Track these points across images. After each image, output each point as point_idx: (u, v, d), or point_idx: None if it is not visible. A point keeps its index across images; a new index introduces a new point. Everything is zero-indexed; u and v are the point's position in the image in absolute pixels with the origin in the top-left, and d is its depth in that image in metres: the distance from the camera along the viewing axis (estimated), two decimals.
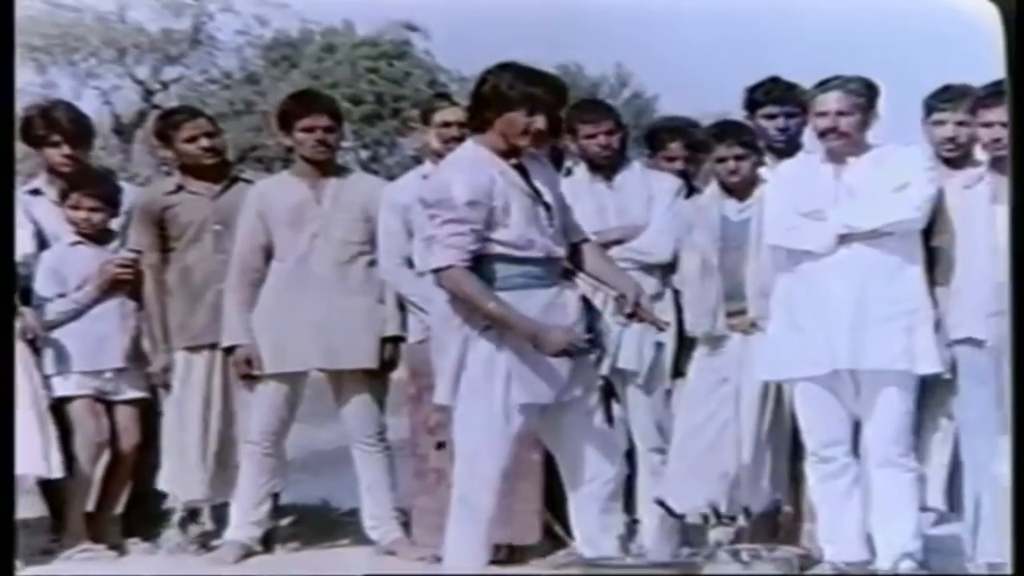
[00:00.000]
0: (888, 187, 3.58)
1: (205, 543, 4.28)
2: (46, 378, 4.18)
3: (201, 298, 4.25)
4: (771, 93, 4.13)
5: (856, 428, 3.70)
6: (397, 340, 4.16)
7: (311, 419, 4.54)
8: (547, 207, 3.32)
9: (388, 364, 4.18)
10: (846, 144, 3.64)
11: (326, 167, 4.19)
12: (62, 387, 4.21)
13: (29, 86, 13.60)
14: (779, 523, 4.01)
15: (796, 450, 3.89)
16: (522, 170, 3.32)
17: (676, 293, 4.04)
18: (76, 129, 4.39)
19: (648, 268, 4.02)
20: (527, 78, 3.29)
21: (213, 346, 4.22)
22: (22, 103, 4.39)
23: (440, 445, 3.98)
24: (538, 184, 3.34)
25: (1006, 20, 3.20)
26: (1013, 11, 3.20)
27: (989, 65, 3.28)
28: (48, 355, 4.20)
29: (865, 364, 3.57)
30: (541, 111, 3.26)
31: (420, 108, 4.62)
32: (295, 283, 4.11)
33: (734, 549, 3.62)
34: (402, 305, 4.13)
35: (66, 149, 4.34)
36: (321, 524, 4.62)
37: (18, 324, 4.10)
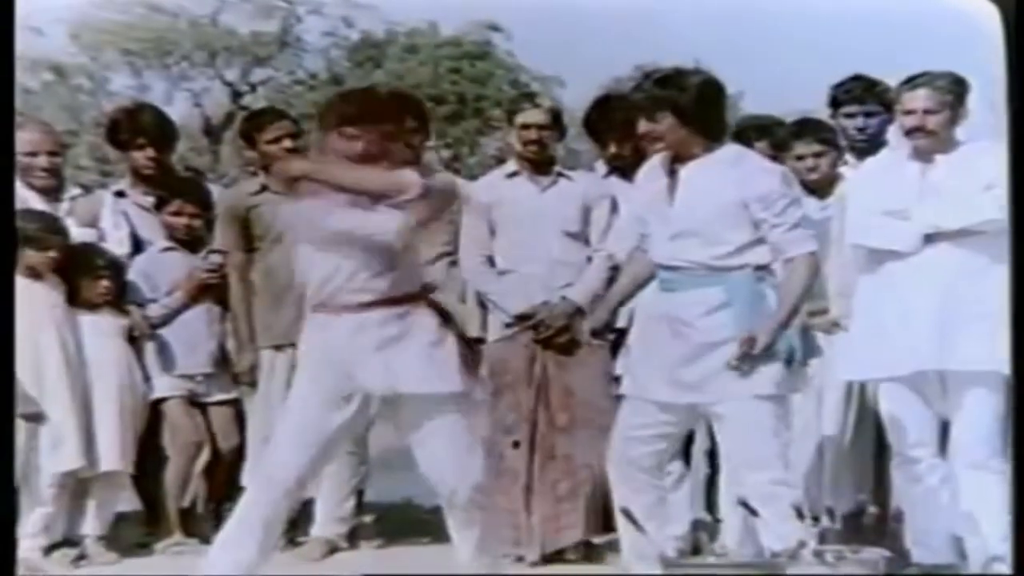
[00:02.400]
0: (975, 186, 3.50)
1: (291, 539, 4.36)
2: (147, 378, 4.30)
3: (284, 298, 4.32)
4: (851, 92, 4.08)
5: (944, 428, 3.65)
6: (478, 341, 4.19)
7: None
8: None
9: None
10: (933, 142, 3.58)
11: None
12: (159, 387, 4.32)
13: (125, 89, 13.95)
14: (864, 524, 3.96)
15: (882, 450, 3.84)
16: None
17: None
18: (161, 132, 4.48)
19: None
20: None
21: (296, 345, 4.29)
22: (115, 105, 4.51)
23: (516, 444, 4.00)
24: None
25: (1006, 20, 3.14)
26: (1013, 11, 3.14)
27: (989, 65, 3.21)
28: (151, 354, 4.31)
29: (951, 365, 3.51)
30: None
31: (504, 108, 4.65)
32: None
33: (818, 550, 3.58)
34: (482, 304, 4.16)
35: (151, 152, 4.44)
36: (404, 522, 4.67)
37: (126, 322, 4.24)
